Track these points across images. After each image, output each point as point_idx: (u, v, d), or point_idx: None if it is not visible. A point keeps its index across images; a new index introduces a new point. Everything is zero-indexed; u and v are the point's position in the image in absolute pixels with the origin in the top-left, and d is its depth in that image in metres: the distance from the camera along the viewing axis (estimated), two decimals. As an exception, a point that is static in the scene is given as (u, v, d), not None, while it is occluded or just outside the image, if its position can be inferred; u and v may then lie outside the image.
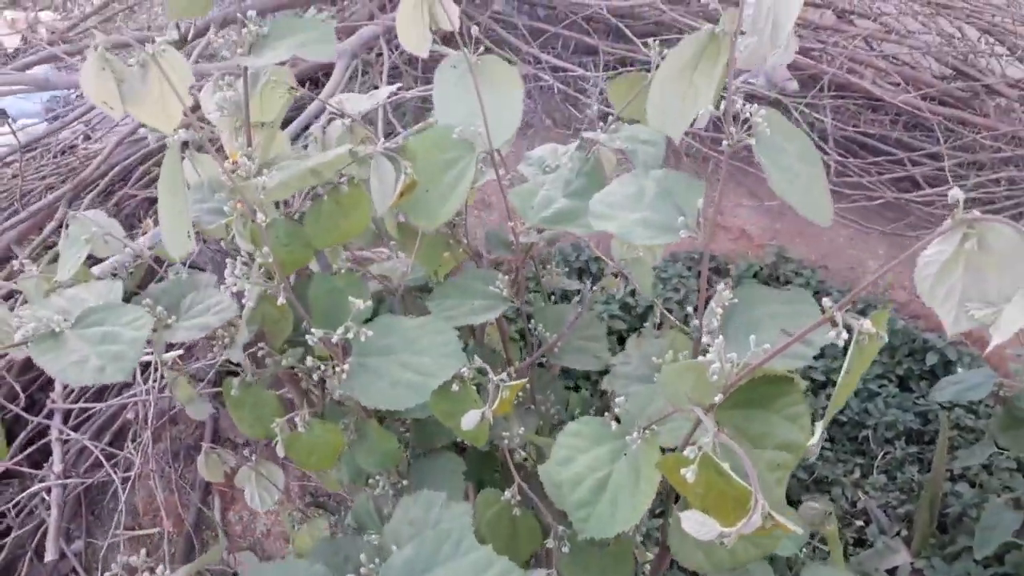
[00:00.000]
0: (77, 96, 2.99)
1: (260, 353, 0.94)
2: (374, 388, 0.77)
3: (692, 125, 0.91)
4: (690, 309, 0.87)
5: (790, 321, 0.84)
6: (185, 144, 0.79)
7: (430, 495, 0.74)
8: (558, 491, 0.71)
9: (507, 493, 0.82)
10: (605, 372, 0.99)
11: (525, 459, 0.90)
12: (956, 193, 0.53)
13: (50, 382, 1.90)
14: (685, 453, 0.57)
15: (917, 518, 1.95)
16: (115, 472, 1.67)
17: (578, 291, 1.23)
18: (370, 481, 0.90)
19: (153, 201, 2.35)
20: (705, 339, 0.87)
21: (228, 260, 0.78)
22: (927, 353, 2.32)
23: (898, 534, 1.97)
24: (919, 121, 2.85)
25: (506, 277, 1.01)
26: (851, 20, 3.15)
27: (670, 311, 2.53)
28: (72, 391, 1.83)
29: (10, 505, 1.76)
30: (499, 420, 0.94)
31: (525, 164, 1.15)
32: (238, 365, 0.93)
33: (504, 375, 0.80)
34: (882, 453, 2.16)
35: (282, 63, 0.86)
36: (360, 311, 0.79)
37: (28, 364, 2.05)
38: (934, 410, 2.21)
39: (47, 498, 1.85)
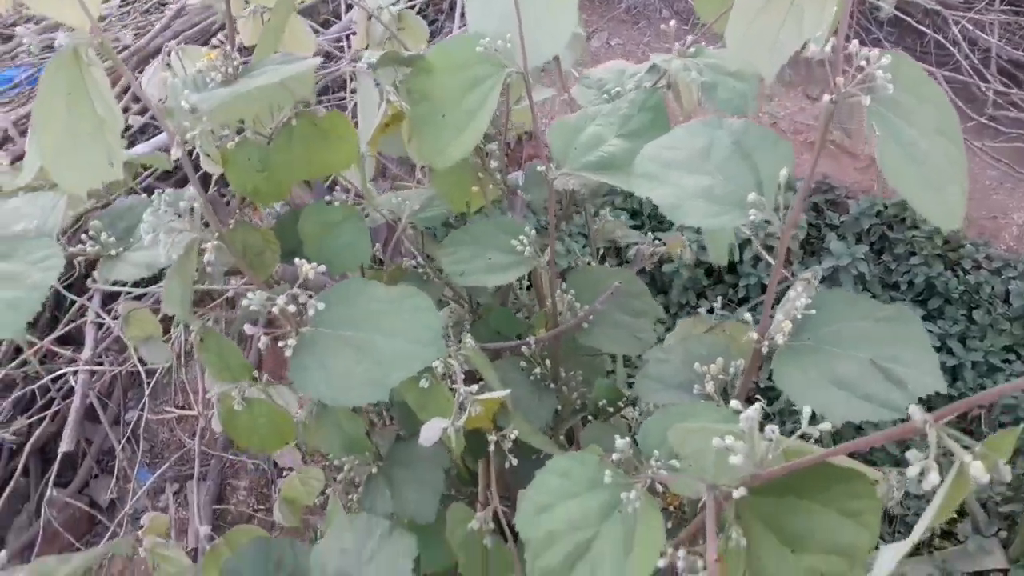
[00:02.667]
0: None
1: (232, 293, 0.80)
2: (320, 376, 0.61)
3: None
4: (795, 284, 0.66)
5: (885, 348, 0.63)
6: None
7: (371, 521, 0.59)
8: (525, 548, 0.55)
9: (474, 521, 0.66)
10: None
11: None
12: None
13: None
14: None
15: (1022, 520, 1.70)
16: (142, 361, 1.62)
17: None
18: (337, 463, 0.76)
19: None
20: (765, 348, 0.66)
21: (155, 194, 0.62)
22: (1070, 332, 1.99)
23: (996, 534, 1.73)
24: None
25: (532, 232, 0.81)
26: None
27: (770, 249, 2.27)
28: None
29: (51, 383, 1.76)
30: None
31: (582, 86, 0.93)
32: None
33: (473, 386, 0.63)
34: (993, 438, 1.89)
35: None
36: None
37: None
38: (1066, 400, 1.91)
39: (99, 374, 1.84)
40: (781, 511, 0.47)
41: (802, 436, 0.46)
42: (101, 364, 1.73)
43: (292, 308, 0.61)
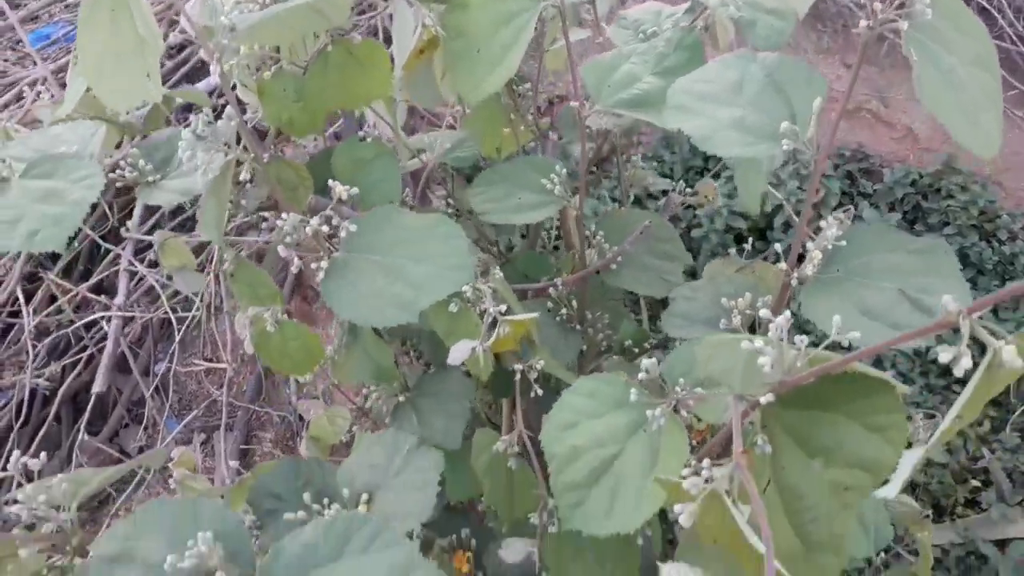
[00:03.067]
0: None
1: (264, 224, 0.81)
2: (351, 297, 0.62)
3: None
4: (828, 218, 0.66)
5: (916, 279, 0.63)
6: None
7: (398, 436, 0.60)
8: (550, 464, 0.55)
9: (499, 443, 0.67)
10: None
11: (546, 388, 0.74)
12: None
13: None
14: (685, 487, 0.39)
15: (1047, 491, 1.69)
16: (175, 309, 1.65)
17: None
18: (366, 391, 0.77)
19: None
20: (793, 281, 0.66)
21: (192, 116, 0.63)
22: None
23: (1020, 503, 1.72)
24: None
25: (564, 171, 0.81)
26: None
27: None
28: (150, 221, 1.81)
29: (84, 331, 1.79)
30: (524, 342, 0.78)
31: (618, 26, 0.92)
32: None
33: (503, 306, 0.63)
34: (1022, 409, 1.87)
35: None
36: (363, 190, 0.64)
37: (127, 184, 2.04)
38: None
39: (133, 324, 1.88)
40: (807, 423, 0.48)
41: (830, 348, 0.46)
42: (133, 314, 1.76)
43: (325, 228, 0.62)
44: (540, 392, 0.72)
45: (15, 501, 0.54)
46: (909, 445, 0.48)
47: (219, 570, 0.47)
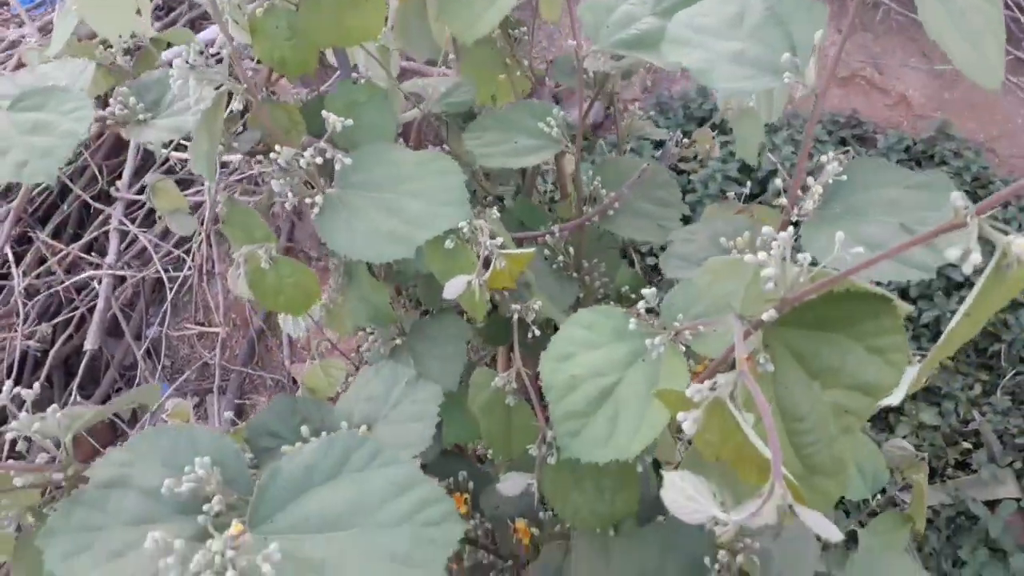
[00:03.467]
0: None
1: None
2: (347, 232, 0.61)
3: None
4: (828, 154, 0.65)
5: (915, 213, 0.62)
6: None
7: (395, 369, 0.60)
8: (548, 395, 0.55)
9: (498, 379, 0.67)
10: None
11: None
12: None
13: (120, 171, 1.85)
14: (688, 393, 0.39)
15: (1036, 452, 1.70)
16: (167, 269, 1.64)
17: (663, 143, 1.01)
18: (364, 333, 0.77)
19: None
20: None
21: (185, 44, 0.62)
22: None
23: (1010, 465, 1.73)
24: None
25: (561, 114, 0.81)
26: None
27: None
28: (139, 179, 1.79)
29: (76, 294, 1.78)
30: (521, 286, 0.77)
31: (616, -31, 0.91)
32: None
33: (499, 239, 0.63)
34: (1012, 372, 1.88)
35: None
36: (347, 127, 0.63)
37: (116, 147, 2.02)
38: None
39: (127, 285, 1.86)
40: (809, 343, 0.47)
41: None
42: (124, 274, 1.74)
43: (319, 160, 0.61)
44: (537, 333, 0.72)
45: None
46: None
47: (217, 494, 0.47)
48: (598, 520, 0.60)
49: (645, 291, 0.56)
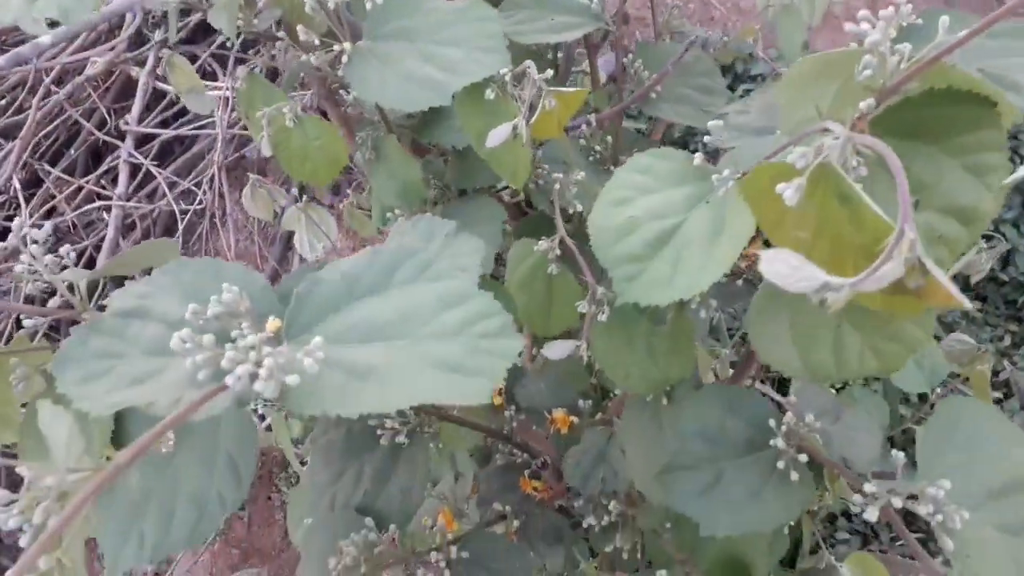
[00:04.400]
0: None
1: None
2: (378, 79, 0.57)
3: None
4: None
5: (996, 60, 0.57)
6: None
7: (434, 221, 0.55)
8: (599, 240, 0.51)
9: (542, 242, 0.62)
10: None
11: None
12: None
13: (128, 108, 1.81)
14: (790, 160, 0.34)
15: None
16: (179, 202, 1.59)
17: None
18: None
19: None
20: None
21: None
22: None
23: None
24: None
25: (601, -15, 0.76)
26: None
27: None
28: (147, 118, 1.74)
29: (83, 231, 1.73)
30: (557, 164, 0.73)
31: None
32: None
33: (549, 71, 0.58)
34: (1042, 324, 1.83)
35: None
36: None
37: (123, 91, 1.98)
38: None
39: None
40: (904, 152, 0.43)
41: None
42: (135, 206, 1.70)
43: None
44: (580, 207, 0.67)
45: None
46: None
47: (246, 317, 0.43)
48: (650, 384, 0.55)
49: (705, 138, 0.51)
